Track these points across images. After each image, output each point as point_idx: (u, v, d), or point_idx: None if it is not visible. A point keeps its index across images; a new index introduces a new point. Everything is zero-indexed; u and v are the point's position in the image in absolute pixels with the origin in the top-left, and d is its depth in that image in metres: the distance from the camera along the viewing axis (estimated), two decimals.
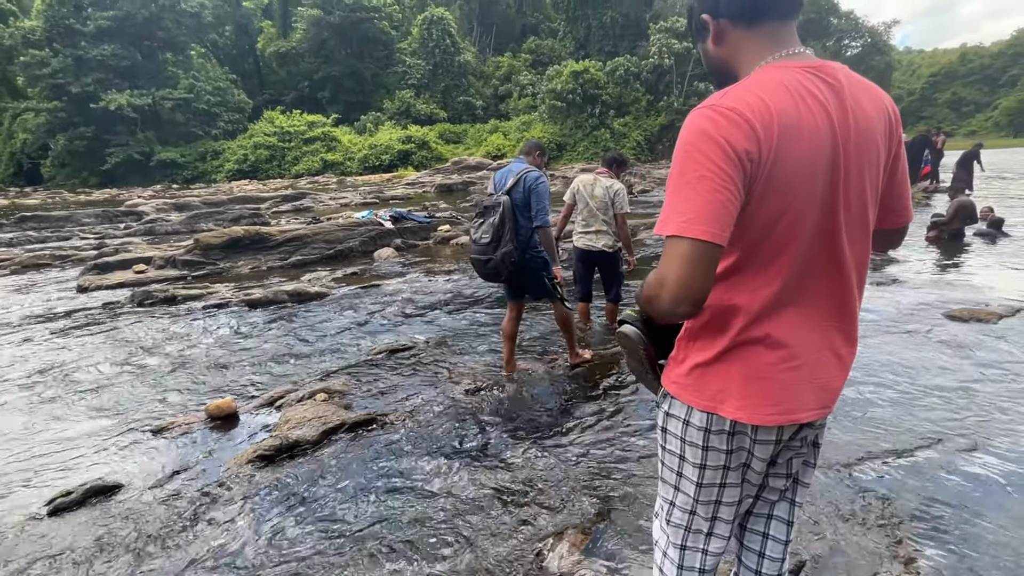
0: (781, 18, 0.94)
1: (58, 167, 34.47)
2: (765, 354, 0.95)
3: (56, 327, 5.04)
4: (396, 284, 6.04)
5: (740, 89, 0.87)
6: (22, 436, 3.03)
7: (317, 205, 15.73)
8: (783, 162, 0.84)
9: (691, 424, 1.03)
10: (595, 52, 33.40)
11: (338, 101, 37.95)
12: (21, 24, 34.65)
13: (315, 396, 3.20)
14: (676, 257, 0.83)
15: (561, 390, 3.28)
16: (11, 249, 9.72)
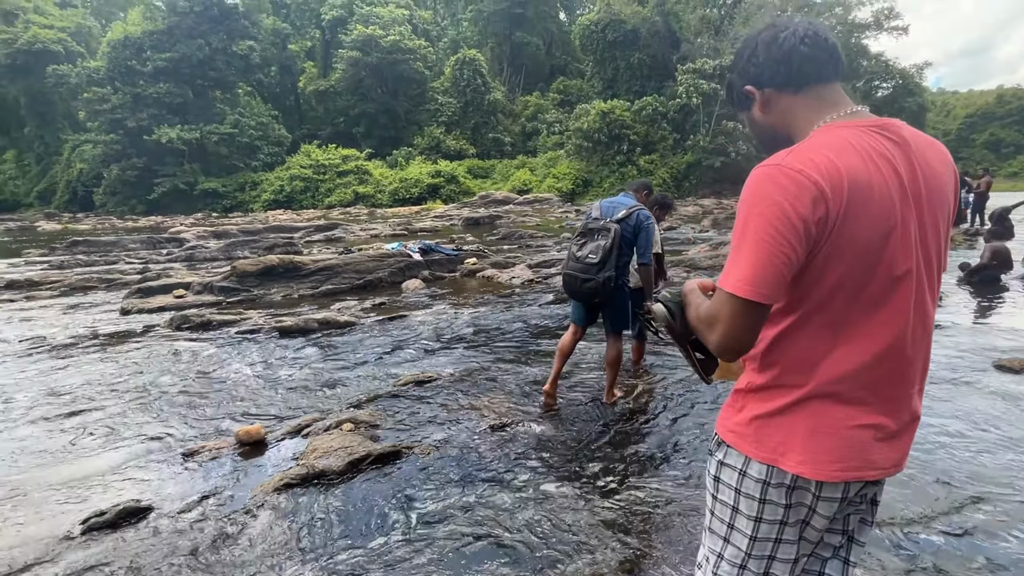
0: (827, 80, 0.96)
1: (109, 195, 36.55)
2: (833, 409, 0.93)
3: (98, 348, 5.25)
4: (423, 315, 6.12)
5: (808, 148, 0.87)
6: (60, 453, 3.13)
7: (348, 235, 16.20)
8: (853, 224, 0.84)
9: (748, 475, 1.00)
10: (623, 92, 34.14)
11: (372, 136, 39.52)
12: (87, 64, 37.61)
13: (342, 426, 3.23)
14: (728, 311, 0.87)
15: (592, 429, 3.23)
16: (62, 271, 10.26)
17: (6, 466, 3.00)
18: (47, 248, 14.59)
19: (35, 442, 3.28)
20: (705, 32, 34.01)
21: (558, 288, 7.49)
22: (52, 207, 39.72)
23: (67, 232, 21.78)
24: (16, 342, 5.52)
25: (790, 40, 0.94)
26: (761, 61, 0.97)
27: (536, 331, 5.37)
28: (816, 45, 0.94)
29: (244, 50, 37.24)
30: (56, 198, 40.82)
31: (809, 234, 0.83)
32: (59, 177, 41.24)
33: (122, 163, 34.80)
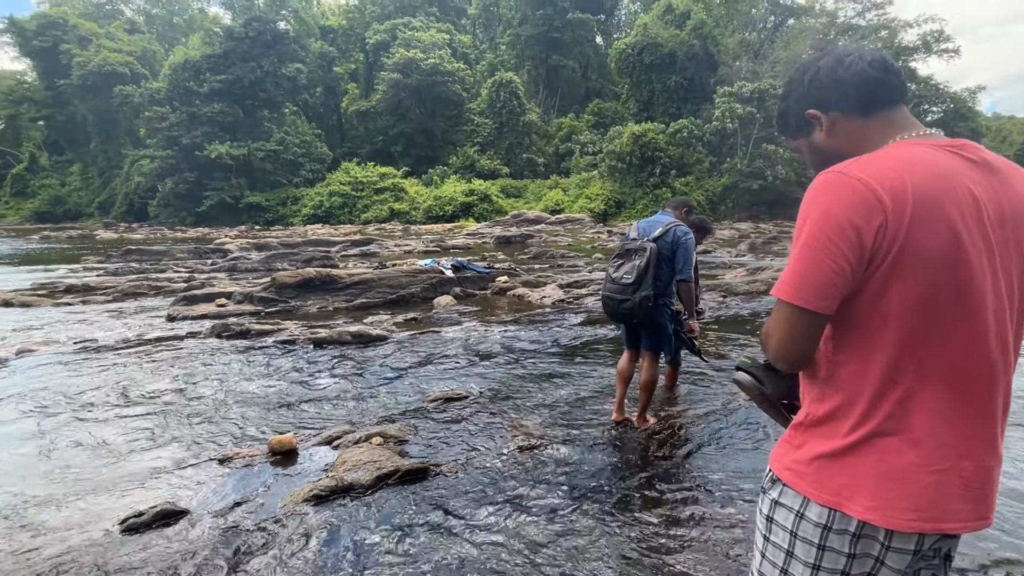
0: (896, 104, 0.94)
1: (162, 207, 38.60)
2: (906, 452, 0.86)
3: (144, 352, 5.49)
4: (454, 332, 6.15)
5: (874, 157, 0.85)
6: (102, 453, 3.26)
7: (383, 251, 16.57)
8: (918, 240, 0.80)
9: (806, 518, 0.92)
10: (658, 114, 34.07)
11: (409, 155, 40.58)
12: (150, 85, 40.25)
13: (371, 439, 3.25)
14: (780, 318, 0.89)
15: (623, 455, 3.15)
16: (116, 278, 10.83)
17: (51, 464, 3.13)
18: (104, 255, 15.47)
19: (78, 442, 3.42)
20: (744, 55, 33.76)
21: (590, 309, 7.42)
22: (110, 217, 42.21)
23: (122, 241, 23.08)
24: (70, 344, 5.82)
25: (858, 64, 0.92)
26: (826, 85, 0.95)
27: (566, 352, 5.31)
28: (885, 69, 0.92)
29: (292, 72, 39.10)
30: (115, 209, 43.37)
31: (864, 245, 0.80)
32: (118, 189, 43.86)
33: (175, 177, 36.79)
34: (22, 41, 45.34)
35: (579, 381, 4.39)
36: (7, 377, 4.72)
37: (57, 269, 13.20)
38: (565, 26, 41.87)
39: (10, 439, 3.44)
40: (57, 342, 5.90)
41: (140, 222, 38.93)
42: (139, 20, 53.60)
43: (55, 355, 5.38)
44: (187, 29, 52.37)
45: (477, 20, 51.21)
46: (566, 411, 3.75)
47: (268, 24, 38.55)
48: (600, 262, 12.89)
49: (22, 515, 2.59)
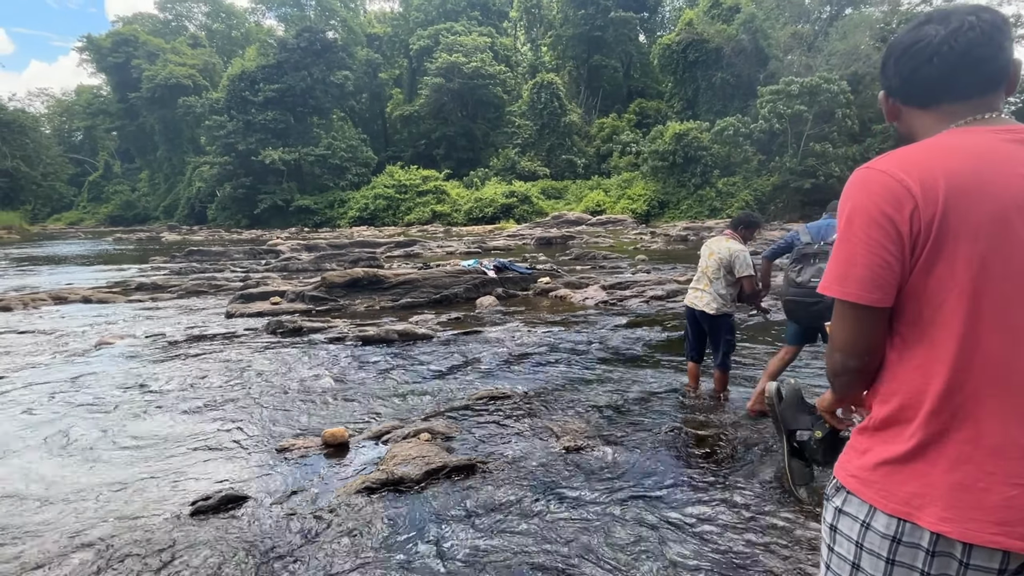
0: (964, 99, 0.87)
1: (220, 210, 40.90)
2: (983, 460, 0.80)
3: (207, 347, 5.82)
4: (497, 332, 6.20)
5: (906, 149, 0.85)
6: (170, 439, 3.48)
7: (426, 252, 16.90)
8: (957, 221, 0.77)
9: (872, 528, 0.88)
10: (703, 112, 33.17)
11: (451, 158, 41.23)
12: (210, 96, 42.75)
13: (419, 435, 3.32)
14: (837, 316, 0.89)
15: (674, 460, 3.09)
16: (180, 277, 11.54)
17: (126, 448, 3.37)
18: (169, 256, 16.51)
19: (151, 429, 3.67)
20: (796, 49, 32.34)
21: (634, 311, 7.31)
22: (174, 220, 45.09)
23: (185, 242, 24.57)
24: (142, 337, 6.25)
25: (923, 53, 0.86)
26: (891, 72, 0.92)
27: (611, 355, 5.25)
28: (951, 63, 0.84)
29: (340, 80, 40.55)
30: (178, 212, 46.28)
31: (901, 233, 0.80)
32: (181, 194, 46.79)
33: (232, 182, 38.89)
34: (98, 58, 49.12)
35: (624, 384, 4.33)
36: (87, 367, 5.11)
37: (128, 268, 14.20)
38: (607, 25, 41.43)
39: (89, 425, 3.73)
40: (131, 336, 6.34)
41: (200, 224, 41.35)
42: (201, 35, 57.00)
43: (129, 348, 5.79)
44: (244, 42, 55.22)
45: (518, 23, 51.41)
46: (612, 414, 3.71)
47: (318, 34, 40.12)
48: (643, 264, 12.67)
49: (102, 496, 2.80)
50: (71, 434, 3.56)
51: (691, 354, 4.08)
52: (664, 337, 5.85)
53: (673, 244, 18.26)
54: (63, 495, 2.80)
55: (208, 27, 58.26)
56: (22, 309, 8.16)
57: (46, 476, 3.01)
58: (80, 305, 8.57)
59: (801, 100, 27.29)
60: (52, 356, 5.51)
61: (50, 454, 3.29)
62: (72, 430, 3.63)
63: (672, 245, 18.01)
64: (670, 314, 7.06)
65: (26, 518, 2.58)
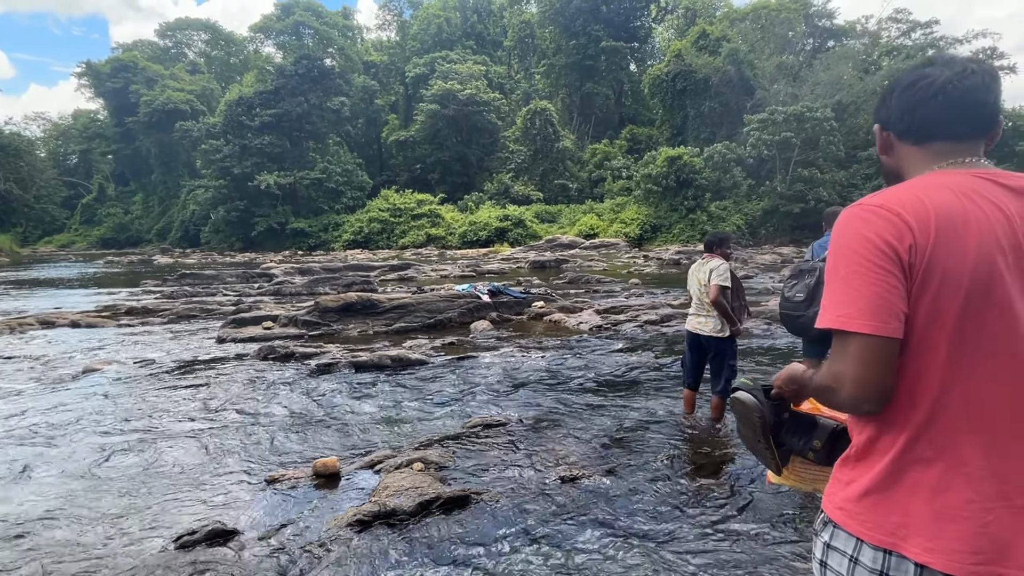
0: (956, 140, 0.90)
1: (213, 233, 40.87)
2: (961, 487, 0.82)
3: (196, 373, 5.73)
4: (491, 357, 6.17)
5: (894, 188, 0.88)
6: (156, 469, 3.39)
7: (420, 275, 16.89)
8: (946, 255, 0.80)
9: (860, 563, 0.88)
10: (691, 139, 33.88)
11: (445, 182, 41.69)
12: (207, 120, 43.21)
13: (412, 465, 3.26)
14: (846, 354, 0.83)
15: (668, 488, 3.04)
16: (172, 301, 11.44)
17: (109, 481, 3.28)
18: (160, 279, 16.39)
19: (136, 459, 3.58)
20: (782, 79, 33.32)
21: (627, 335, 7.31)
22: (167, 243, 44.95)
23: (177, 265, 24.44)
24: (130, 363, 6.15)
25: (925, 91, 0.90)
26: (892, 105, 0.95)
27: (607, 380, 5.23)
28: (952, 103, 0.88)
29: (336, 105, 41.16)
30: (171, 235, 46.17)
31: (902, 260, 0.81)
32: (175, 217, 46.77)
33: (227, 205, 38.99)
34: (97, 83, 49.63)
35: (621, 411, 4.31)
36: (73, 394, 5.01)
37: (119, 292, 14.07)
38: (599, 54, 42.58)
39: (71, 454, 3.64)
40: (119, 361, 6.24)
41: (193, 247, 41.23)
42: (200, 61, 57.91)
43: (117, 374, 5.69)
44: (242, 68, 56.11)
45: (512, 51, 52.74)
46: (608, 442, 3.68)
47: (316, 61, 40.88)
48: (636, 287, 12.74)
49: (84, 528, 2.71)
50: (51, 465, 3.47)
51: (688, 380, 4.08)
52: (658, 362, 5.84)
53: (666, 268, 18.40)
54: (38, 529, 2.71)
55: (207, 54, 59.24)
56: (8, 333, 8.03)
57: (23, 509, 2.92)
58: (68, 329, 8.45)
59: (787, 127, 28.00)
60: (37, 382, 5.40)
61: (27, 486, 3.20)
62: (52, 460, 3.53)
63: (665, 269, 18.14)
64: (664, 339, 7.07)
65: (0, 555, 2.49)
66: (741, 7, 40.42)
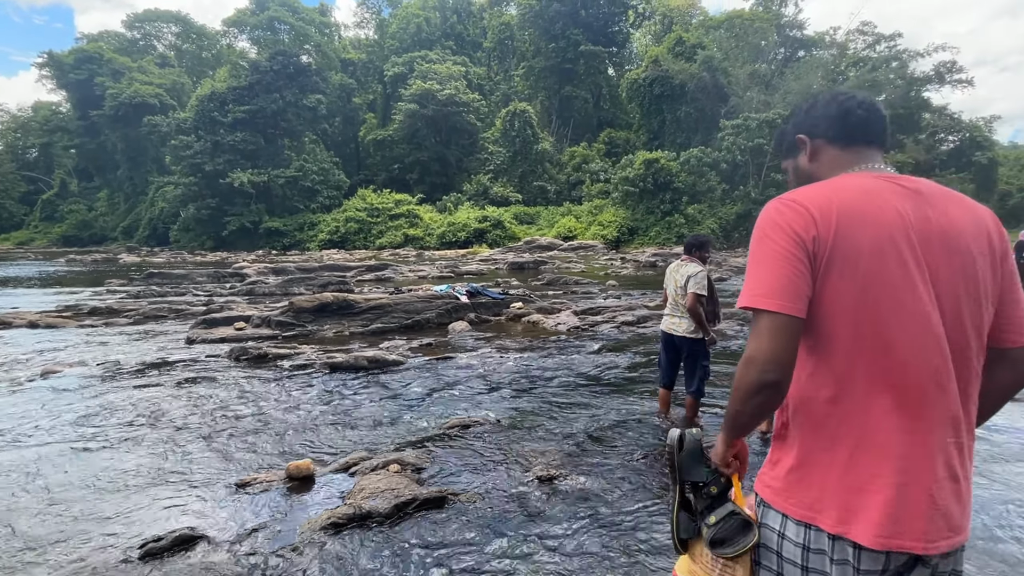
0: (869, 144, 1.04)
1: (183, 231, 39.69)
2: (869, 463, 0.89)
3: (164, 375, 5.55)
4: (468, 358, 6.14)
5: (808, 187, 0.99)
6: (121, 475, 3.27)
7: (397, 276, 16.73)
8: (845, 246, 0.90)
9: (787, 538, 0.94)
10: (668, 144, 34.46)
11: (424, 182, 41.42)
12: (177, 115, 41.95)
13: (388, 467, 3.22)
14: (758, 330, 0.92)
15: (647, 487, 3.08)
16: (138, 300, 11.06)
17: (73, 488, 3.15)
18: (126, 278, 15.84)
19: (98, 464, 3.45)
20: (755, 86, 34.18)
21: (604, 336, 7.38)
22: (134, 241, 43.46)
23: (145, 264, 23.65)
24: (94, 365, 5.92)
25: (850, 102, 1.05)
26: (818, 115, 1.07)
27: (584, 380, 5.26)
28: (872, 112, 1.04)
29: (313, 103, 40.50)
30: (138, 233, 44.66)
31: (807, 248, 0.91)
32: (143, 214, 45.27)
33: (198, 203, 37.93)
34: (59, 74, 47.72)
35: (597, 411, 4.34)
36: (32, 398, 4.80)
37: (82, 292, 13.53)
38: (578, 58, 42.94)
39: (31, 460, 3.48)
40: (81, 364, 6.00)
41: (162, 246, 39.98)
42: (170, 55, 56.22)
43: (79, 376, 5.47)
44: (215, 63, 54.72)
45: (492, 53, 52.77)
46: (585, 441, 3.70)
47: (292, 58, 40.15)
48: (614, 289, 12.87)
49: (41, 538, 2.60)
50: (7, 470, 3.31)
51: (663, 380, 4.13)
52: (634, 362, 5.91)
53: (642, 270, 18.65)
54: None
55: (177, 47, 57.57)
56: None
57: None
58: (26, 330, 8.09)
59: (760, 133, 28.72)
60: None
61: None
62: (9, 466, 3.37)
63: (641, 271, 18.39)
64: (640, 339, 7.16)
65: None
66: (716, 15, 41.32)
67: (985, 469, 3.25)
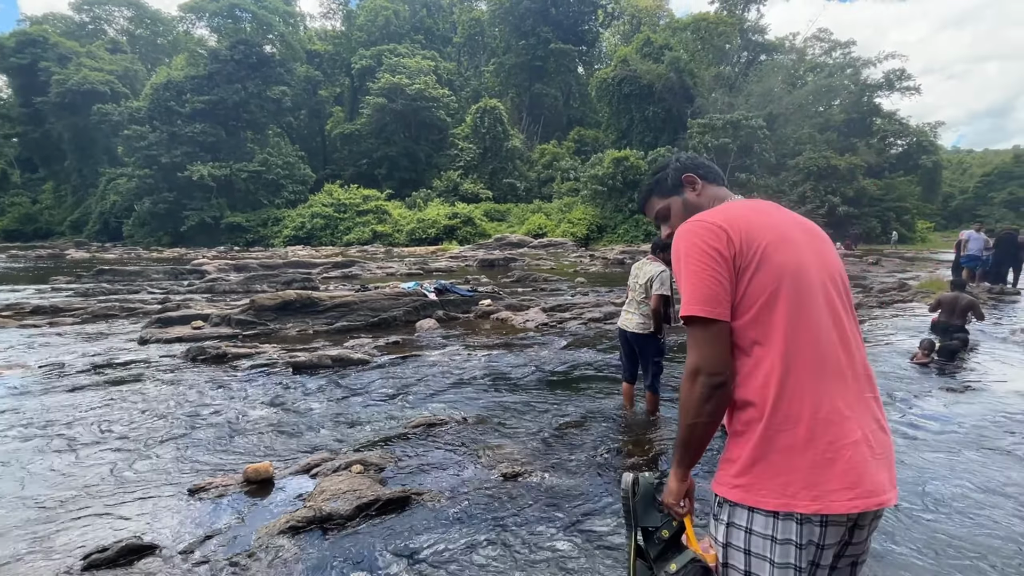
0: (723, 183, 1.34)
1: (138, 226, 37.86)
2: (822, 433, 0.97)
3: (113, 377, 5.30)
4: (436, 356, 6.10)
5: (717, 208, 1.20)
6: (65, 484, 3.11)
7: (365, 273, 16.44)
8: (754, 250, 1.06)
9: (755, 532, 0.98)
10: (636, 143, 35.00)
11: (393, 178, 40.76)
12: (130, 104, 39.92)
13: (351, 467, 3.17)
14: (699, 339, 1.04)
15: (611, 482, 3.12)
16: (86, 299, 10.50)
17: (10, 496, 2.97)
18: (74, 275, 15.02)
19: (40, 471, 3.26)
20: (719, 88, 35.07)
21: (574, 332, 7.45)
22: (83, 236, 41.15)
23: (95, 261, 22.46)
24: (36, 368, 5.60)
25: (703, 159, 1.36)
26: (695, 164, 1.34)
27: (550, 377, 5.30)
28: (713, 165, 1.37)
29: (277, 95, 39.25)
30: (88, 228, 42.35)
31: (728, 261, 1.05)
32: (93, 208, 42.95)
33: (153, 196, 36.23)
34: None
35: (564, 407, 4.38)
36: None
37: (24, 289, 12.75)
38: (548, 56, 43.08)
39: None
40: (22, 366, 5.66)
41: (114, 242, 38.06)
42: (122, 40, 53.44)
43: (19, 380, 5.16)
44: (171, 50, 52.36)
45: (462, 48, 52.38)
46: (551, 437, 3.73)
47: (254, 47, 38.79)
48: (582, 286, 13.01)
49: None
50: None
51: (625, 375, 4.20)
52: (601, 358, 5.99)
53: (611, 267, 18.91)
54: None
55: (130, 32, 54.82)
56: None
57: None
58: None
59: (725, 133, 29.49)
60: None
61: None
62: None
63: (610, 268, 18.65)
64: (606, 335, 7.26)
65: None
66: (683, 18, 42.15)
67: (919, 455, 3.45)
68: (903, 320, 8.31)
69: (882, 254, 24.34)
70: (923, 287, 11.69)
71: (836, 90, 35.67)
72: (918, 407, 4.39)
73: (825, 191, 29.69)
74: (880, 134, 36.79)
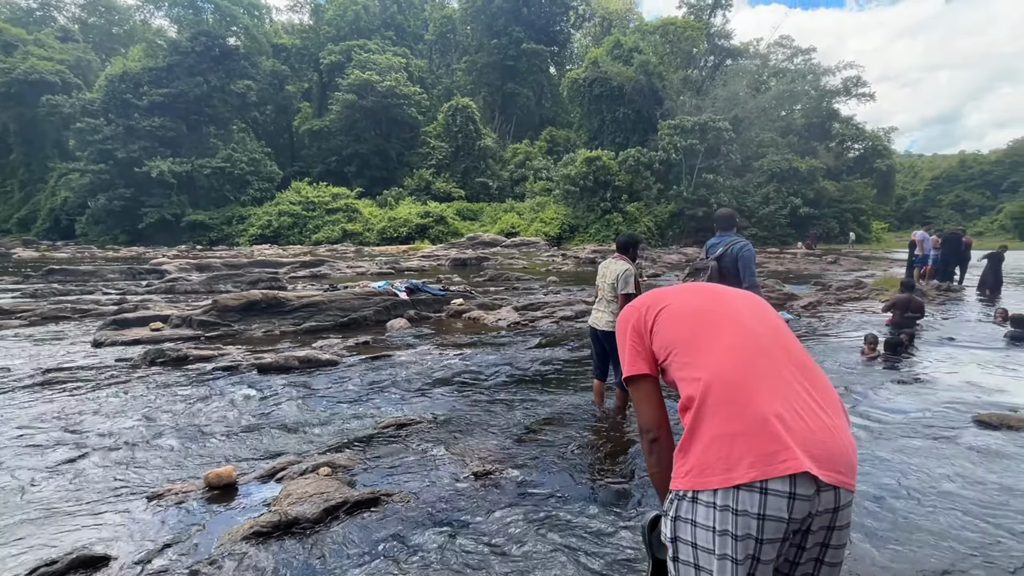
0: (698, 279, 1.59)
1: (92, 224, 36.10)
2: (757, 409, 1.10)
3: (63, 382, 5.04)
4: (407, 356, 6.03)
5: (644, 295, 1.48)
6: (9, 495, 2.94)
7: (334, 272, 16.12)
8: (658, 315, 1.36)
9: (699, 524, 1.06)
10: (607, 143, 35.44)
11: (363, 176, 40.08)
12: (83, 96, 38.00)
13: (318, 470, 3.10)
14: (637, 396, 1.36)
15: (582, 479, 3.15)
16: (35, 300, 9.96)
17: None
18: (21, 276, 14.22)
19: None
20: (687, 91, 35.86)
21: (544, 331, 7.49)
22: (31, 234, 38.98)
23: (44, 260, 21.30)
24: None
25: None
26: None
27: (522, 375, 5.32)
28: None
29: (241, 89, 38.08)
30: (36, 225, 40.16)
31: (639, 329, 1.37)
32: (42, 204, 40.75)
33: (109, 193, 34.61)
34: None
35: (535, 405, 4.40)
36: None
37: None
38: (520, 55, 43.15)
39: None
40: None
41: (66, 240, 36.18)
42: (73, 28, 50.84)
43: None
44: (127, 40, 50.14)
45: (434, 46, 51.94)
46: (522, 435, 3.74)
47: (217, 40, 37.54)
48: (554, 285, 13.09)
49: None
50: None
51: (596, 372, 4.25)
52: (572, 356, 6.04)
53: (582, 266, 19.09)
54: None
55: (83, 20, 52.21)
56: None
57: None
58: None
59: (694, 135, 30.16)
60: None
61: None
62: None
63: (581, 267, 18.83)
64: (578, 333, 7.33)
65: None
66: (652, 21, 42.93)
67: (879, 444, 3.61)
68: (859, 316, 8.68)
69: (840, 253, 25.40)
70: (878, 285, 12.24)
71: (797, 95, 36.97)
72: (869, 399, 4.60)
73: (788, 192, 30.73)
74: (839, 138, 38.32)
